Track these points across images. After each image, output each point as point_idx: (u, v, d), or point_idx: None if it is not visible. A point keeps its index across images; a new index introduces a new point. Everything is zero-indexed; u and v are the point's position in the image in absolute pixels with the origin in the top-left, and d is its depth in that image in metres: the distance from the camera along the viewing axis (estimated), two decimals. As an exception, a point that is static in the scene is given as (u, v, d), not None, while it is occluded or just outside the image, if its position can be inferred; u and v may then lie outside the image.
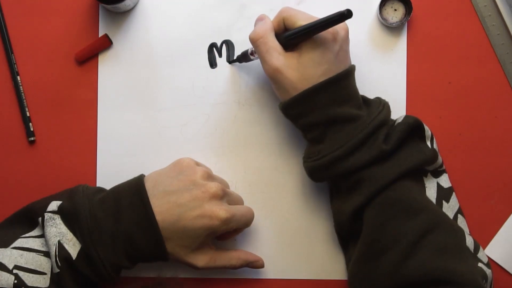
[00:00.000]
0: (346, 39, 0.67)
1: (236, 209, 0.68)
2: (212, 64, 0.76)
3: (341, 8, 0.74)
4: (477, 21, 0.75)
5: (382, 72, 0.75)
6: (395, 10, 0.74)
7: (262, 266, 0.74)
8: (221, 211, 0.66)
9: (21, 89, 0.75)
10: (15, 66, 0.75)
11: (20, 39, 0.76)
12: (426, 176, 0.70)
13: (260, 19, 0.70)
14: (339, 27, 0.66)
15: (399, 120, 0.68)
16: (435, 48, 0.75)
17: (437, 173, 0.71)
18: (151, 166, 0.73)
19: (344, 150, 0.65)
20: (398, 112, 0.74)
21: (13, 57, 0.75)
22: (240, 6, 0.75)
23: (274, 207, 0.75)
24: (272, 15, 0.75)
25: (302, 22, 0.66)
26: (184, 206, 0.65)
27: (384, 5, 0.74)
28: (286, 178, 0.75)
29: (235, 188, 0.75)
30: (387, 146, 0.65)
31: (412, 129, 0.68)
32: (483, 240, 0.75)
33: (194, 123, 0.76)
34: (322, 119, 0.66)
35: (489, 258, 0.74)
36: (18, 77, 0.75)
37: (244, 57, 0.74)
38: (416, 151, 0.67)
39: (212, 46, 0.76)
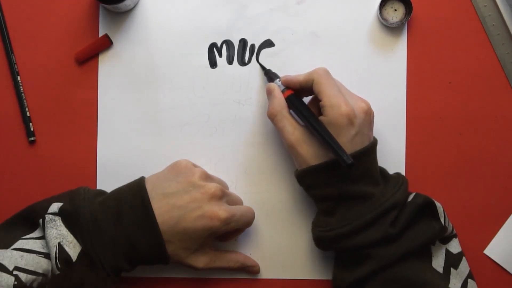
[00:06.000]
0: (366, 122, 0.66)
1: (236, 209, 0.68)
2: (212, 64, 0.76)
3: (341, 8, 0.75)
4: (477, 21, 0.75)
5: (382, 72, 0.74)
6: (395, 10, 0.74)
7: (257, 272, 0.74)
8: (220, 211, 0.66)
9: (21, 89, 0.75)
10: (15, 66, 0.75)
11: (20, 39, 0.75)
12: (434, 244, 0.68)
13: (269, 92, 0.70)
14: (359, 109, 0.65)
15: (410, 199, 0.67)
16: (435, 48, 0.75)
17: (446, 240, 0.69)
18: (151, 166, 0.73)
19: (350, 228, 0.64)
20: (398, 112, 0.74)
21: (13, 57, 0.75)
22: (240, 6, 0.75)
23: (274, 207, 0.75)
24: (272, 15, 0.75)
25: (325, 98, 0.65)
26: (183, 208, 0.65)
27: (384, 5, 0.74)
28: (286, 178, 0.75)
29: (235, 188, 0.75)
30: (394, 230, 0.64)
31: (422, 208, 0.66)
32: (483, 240, 0.75)
33: (194, 123, 0.76)
34: (333, 194, 0.66)
35: (489, 258, 0.74)
36: (18, 77, 0.75)
37: (268, 76, 0.73)
38: (426, 229, 0.66)
39: (212, 46, 0.76)
